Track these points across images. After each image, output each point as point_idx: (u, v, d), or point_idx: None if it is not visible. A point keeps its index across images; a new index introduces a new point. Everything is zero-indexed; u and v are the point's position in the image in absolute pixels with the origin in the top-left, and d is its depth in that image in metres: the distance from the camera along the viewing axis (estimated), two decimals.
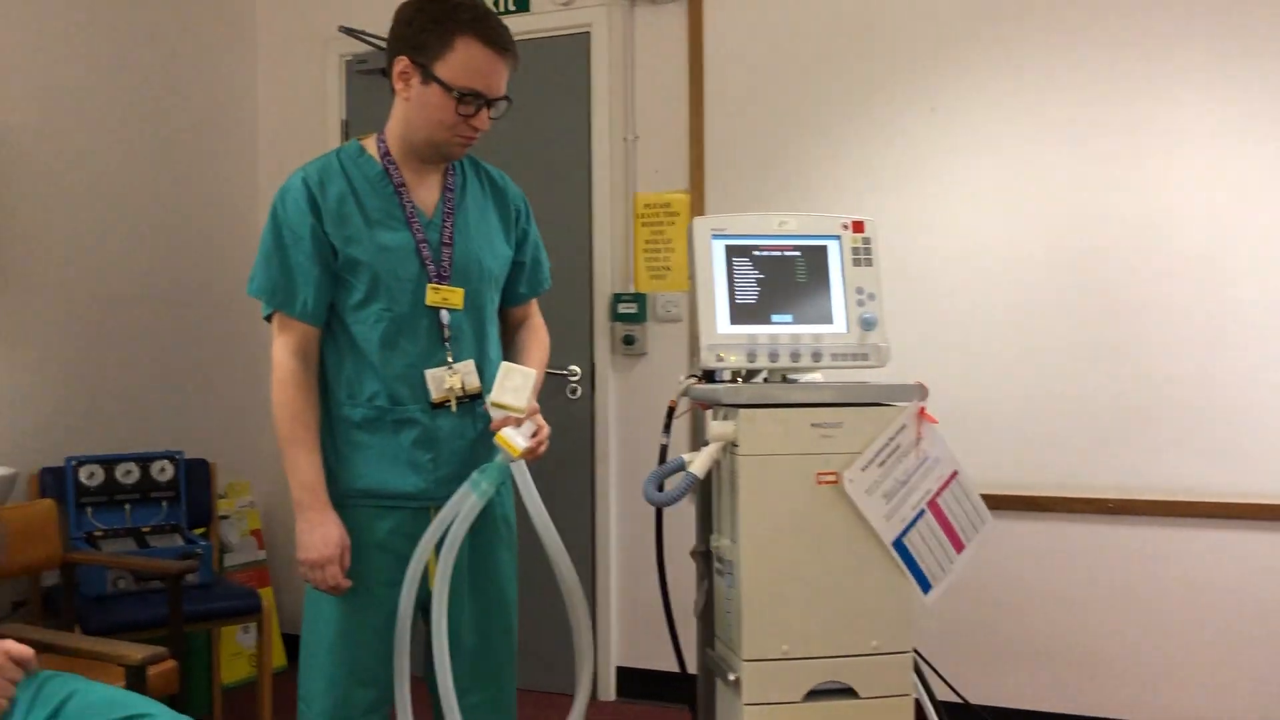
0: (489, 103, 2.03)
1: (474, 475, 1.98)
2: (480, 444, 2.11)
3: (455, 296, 2.08)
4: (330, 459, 2.09)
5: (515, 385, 1.96)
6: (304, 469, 2.03)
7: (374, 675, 2.07)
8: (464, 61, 1.99)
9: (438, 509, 2.05)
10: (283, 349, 2.05)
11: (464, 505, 1.97)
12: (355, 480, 2.08)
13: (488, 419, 2.06)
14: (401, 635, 2.04)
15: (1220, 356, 3.03)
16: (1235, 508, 3.00)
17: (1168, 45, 3.07)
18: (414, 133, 2.06)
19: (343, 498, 2.07)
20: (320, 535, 2.00)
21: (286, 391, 2.04)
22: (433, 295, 2.06)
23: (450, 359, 2.08)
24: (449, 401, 2.07)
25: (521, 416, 1.96)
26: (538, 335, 2.30)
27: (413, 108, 2.04)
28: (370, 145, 2.12)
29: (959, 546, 2.06)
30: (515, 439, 1.95)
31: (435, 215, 2.11)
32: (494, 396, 1.96)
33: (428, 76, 2.00)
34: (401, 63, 2.02)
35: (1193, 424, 3.05)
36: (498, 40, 2.02)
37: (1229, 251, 3.02)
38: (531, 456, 2.00)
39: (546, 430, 2.02)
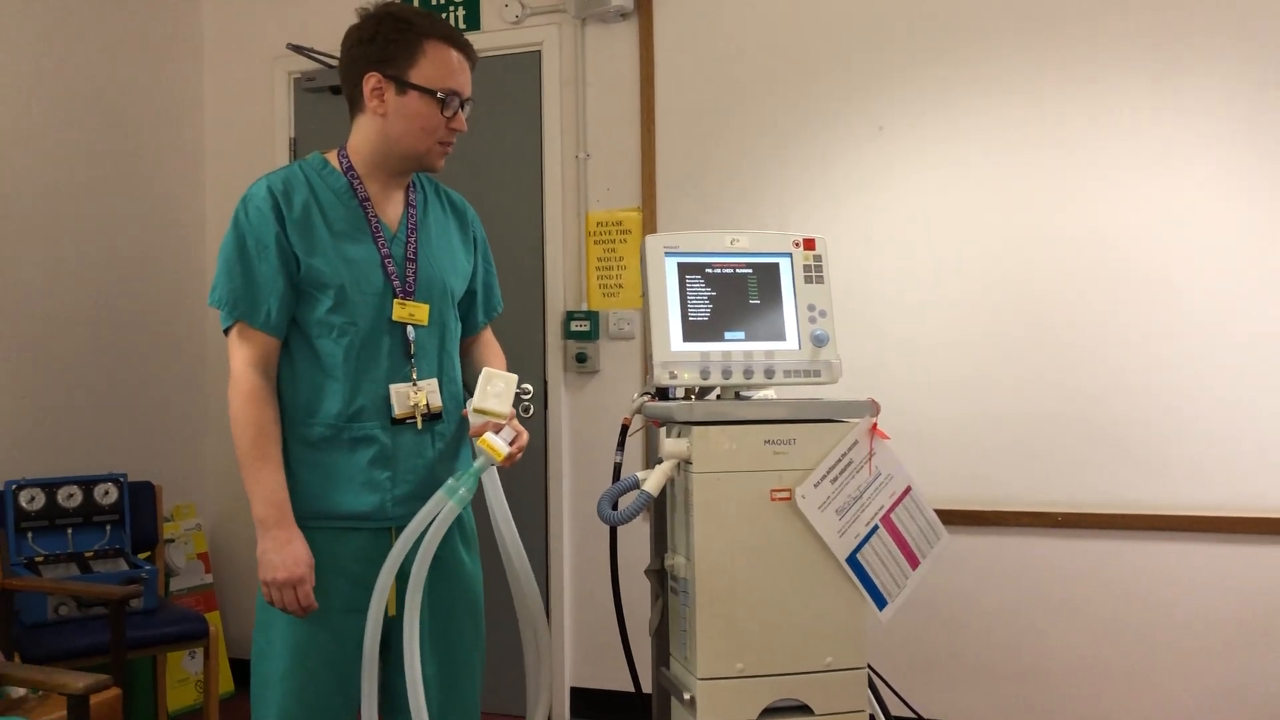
0: (463, 103, 2.05)
1: (449, 482, 1.94)
2: (440, 464, 2.08)
3: (420, 312, 2.06)
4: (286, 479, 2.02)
5: (498, 391, 1.97)
6: (269, 486, 1.95)
7: (329, 707, 2.00)
8: (437, 65, 2.00)
9: (399, 530, 2.00)
10: (243, 362, 1.98)
11: (441, 510, 1.92)
12: (310, 501, 2.01)
13: (446, 439, 2.05)
14: (370, 659, 1.96)
15: (1164, 370, 3.08)
16: (1181, 520, 3.05)
17: (1110, 67, 3.14)
18: (394, 146, 2.04)
19: (298, 519, 1.98)
20: (290, 553, 1.92)
21: (249, 406, 1.96)
22: (399, 310, 2.03)
23: (415, 375, 2.05)
24: (413, 418, 2.03)
25: (503, 422, 1.96)
26: (494, 349, 2.30)
27: (392, 121, 2.02)
28: (333, 159, 2.09)
29: (914, 562, 2.07)
30: (498, 443, 1.94)
31: (399, 230, 2.09)
32: (476, 402, 1.96)
33: (403, 86, 2.00)
34: (372, 79, 2.01)
35: (1138, 437, 3.10)
36: (461, 41, 2.06)
37: (1170, 268, 3.08)
38: (509, 462, 1.99)
39: (525, 436, 2.03)
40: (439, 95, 2.00)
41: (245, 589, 4.07)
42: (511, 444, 1.97)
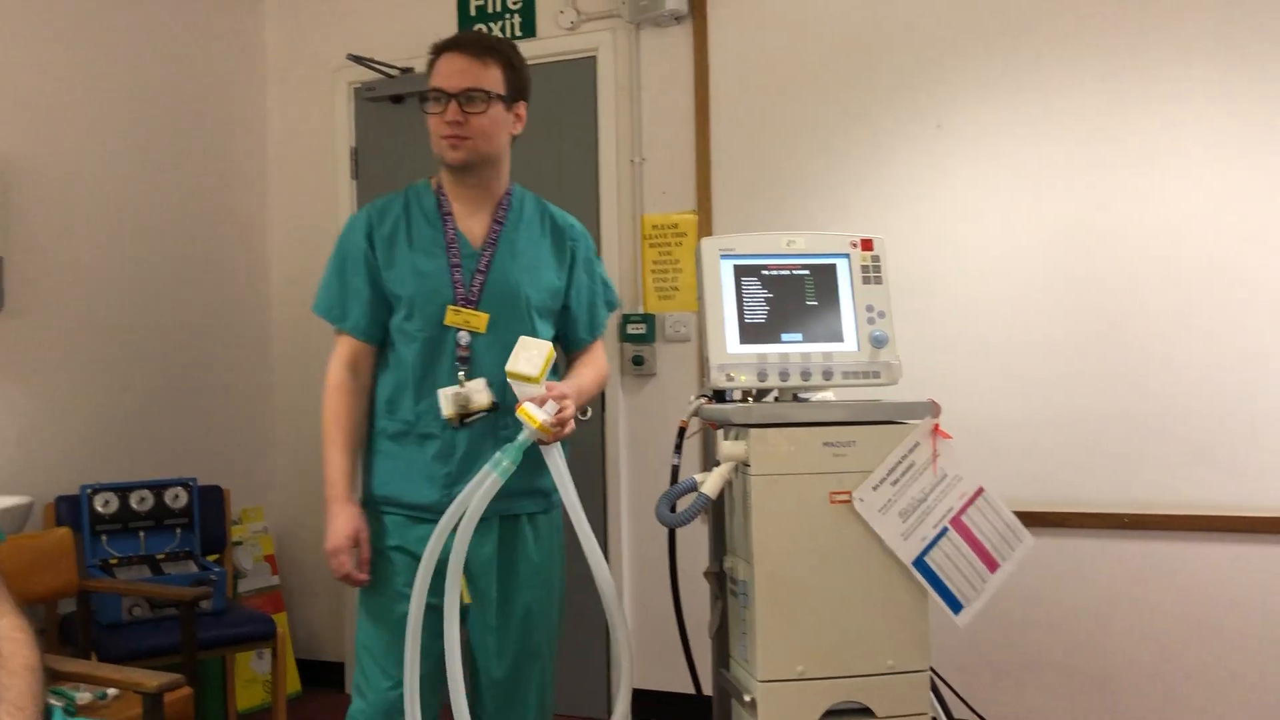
0: (453, 97, 2.14)
1: (496, 454, 2.03)
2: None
3: (477, 320, 2.16)
4: (365, 465, 2.26)
5: (529, 355, 2.03)
6: (331, 466, 2.17)
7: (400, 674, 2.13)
8: (432, 74, 2.19)
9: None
10: (336, 359, 2.23)
11: (485, 483, 2.01)
12: (384, 488, 2.21)
13: (508, 437, 2.10)
14: (412, 629, 2.04)
15: (1233, 367, 3.02)
16: (1250, 521, 2.98)
17: (1171, 57, 3.08)
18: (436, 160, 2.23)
19: (367, 502, 2.23)
20: (334, 527, 2.14)
21: (331, 396, 2.21)
22: (452, 316, 2.17)
23: (463, 378, 2.15)
24: (465, 416, 2.14)
25: (535, 384, 2.02)
26: (590, 359, 2.37)
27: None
28: (434, 182, 2.29)
29: (992, 566, 2.04)
30: (535, 412, 2.00)
31: (480, 244, 2.23)
32: (509, 365, 2.03)
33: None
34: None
35: (1207, 437, 3.04)
36: (454, 42, 2.21)
37: (1237, 262, 3.02)
38: (555, 436, 2.04)
39: (571, 410, 2.07)
40: (425, 96, 2.17)
41: (311, 590, 4.14)
42: (556, 417, 2.02)
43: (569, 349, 2.38)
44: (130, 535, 3.38)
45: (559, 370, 2.30)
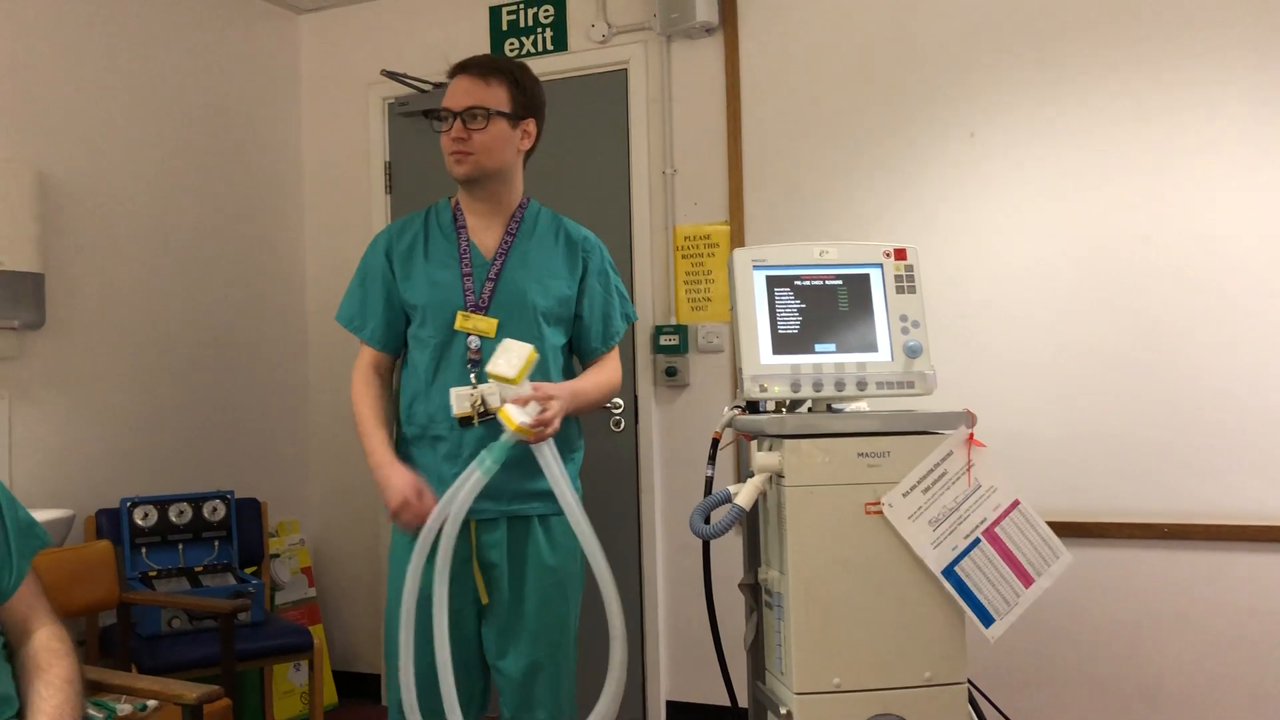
0: (458, 115, 2.26)
1: (481, 453, 2.10)
2: (510, 463, 2.17)
3: (486, 325, 2.26)
4: None
5: (509, 357, 2.09)
6: (372, 443, 2.29)
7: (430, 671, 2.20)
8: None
9: (477, 521, 2.24)
10: (359, 363, 2.40)
11: (469, 481, 2.09)
12: None
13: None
14: (406, 615, 2.12)
15: (1273, 376, 2.97)
16: None
17: (1209, 65, 3.05)
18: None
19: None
20: (391, 485, 2.22)
21: (357, 391, 2.36)
22: (461, 322, 2.28)
23: (474, 380, 2.24)
24: (471, 418, 2.21)
25: (515, 385, 2.08)
26: (599, 366, 2.43)
27: None
28: (454, 199, 2.42)
29: (1026, 580, 2.02)
30: (513, 412, 2.07)
31: (493, 254, 2.33)
32: (489, 367, 2.10)
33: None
34: None
35: (1247, 445, 2.99)
36: (460, 64, 2.34)
37: (1275, 271, 2.98)
38: (537, 436, 2.10)
39: (553, 412, 2.12)
40: (436, 115, 2.30)
41: (348, 602, 4.17)
42: (536, 418, 2.08)
43: (583, 358, 2.46)
44: (169, 548, 3.41)
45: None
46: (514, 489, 2.24)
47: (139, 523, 3.36)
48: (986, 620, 1.99)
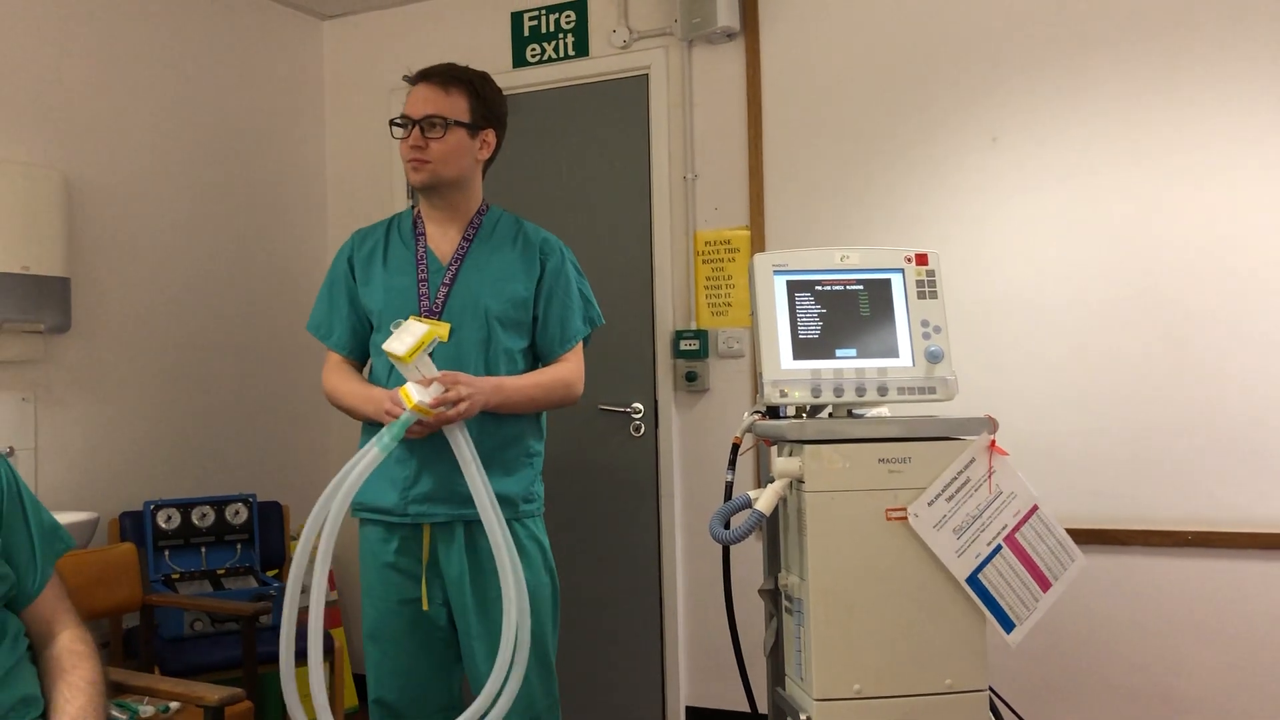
0: (415, 123, 2.28)
1: (380, 431, 2.12)
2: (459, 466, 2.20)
3: (439, 328, 2.23)
4: None
5: (402, 337, 2.10)
6: (359, 395, 2.33)
7: (410, 684, 2.33)
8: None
9: (432, 526, 2.29)
10: (326, 367, 2.45)
11: (364, 459, 2.11)
12: (357, 495, 2.27)
13: (478, 444, 2.20)
14: (290, 607, 2.18)
15: None
16: None
17: (1229, 68, 3.03)
18: None
19: (355, 512, 2.36)
20: (376, 396, 2.27)
21: (328, 381, 2.41)
22: None
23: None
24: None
25: (406, 364, 2.09)
26: (546, 369, 2.41)
27: None
28: (416, 208, 2.46)
29: (1044, 585, 2.02)
30: (412, 391, 2.09)
31: (449, 260, 2.36)
32: (384, 343, 2.12)
33: None
34: None
35: (1273, 451, 2.96)
36: (422, 71, 2.35)
37: None
38: (437, 418, 2.11)
39: (453, 396, 2.12)
40: (393, 124, 2.33)
41: None
42: (436, 399, 2.09)
43: (543, 359, 2.44)
44: (192, 550, 3.44)
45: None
46: (465, 492, 2.18)
47: (162, 525, 3.38)
48: (1008, 626, 1.98)
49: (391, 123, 2.35)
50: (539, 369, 2.42)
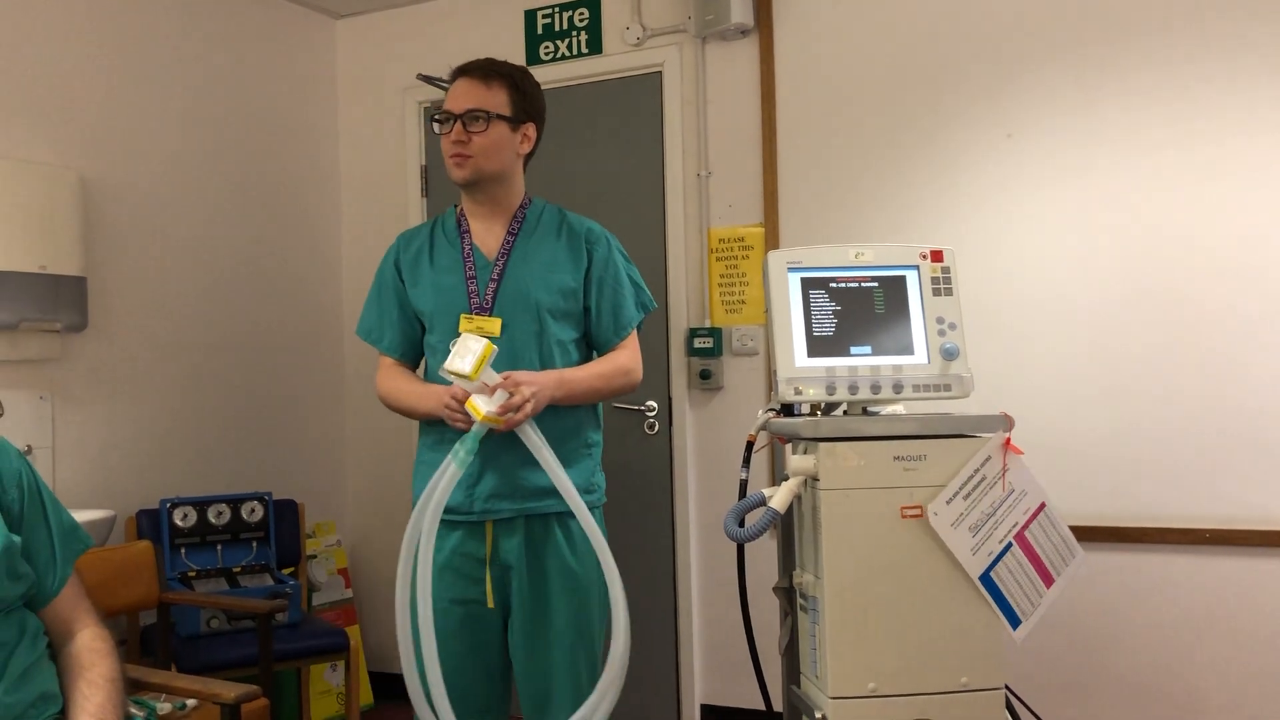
0: (456, 118, 2.27)
1: (455, 446, 2.12)
2: (525, 461, 2.20)
3: (490, 325, 2.26)
4: (413, 476, 2.39)
5: (463, 355, 2.09)
6: (416, 394, 2.33)
7: (465, 683, 2.28)
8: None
9: (496, 523, 2.27)
10: (381, 369, 2.44)
11: (446, 473, 2.12)
12: (418, 493, 2.29)
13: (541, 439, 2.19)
14: (400, 609, 2.16)
15: None
16: None
17: (1251, 64, 3.00)
18: None
19: (412, 508, 2.27)
20: (435, 392, 2.24)
21: (382, 386, 2.41)
22: (464, 324, 2.29)
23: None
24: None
25: (472, 380, 2.09)
26: (605, 358, 2.42)
27: None
28: (459, 207, 2.43)
29: (1048, 581, 2.02)
30: (479, 402, 2.09)
31: (495, 255, 2.34)
32: (445, 364, 2.12)
33: None
34: None
35: None
36: (462, 67, 2.35)
37: None
38: (508, 423, 2.11)
39: (519, 400, 2.12)
40: (437, 119, 2.31)
41: (384, 603, 4.19)
42: (501, 405, 2.09)
43: (598, 350, 2.45)
44: (208, 548, 3.45)
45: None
46: (530, 486, 2.23)
47: (178, 523, 3.40)
48: (1014, 622, 1.99)
49: (432, 118, 2.33)
50: (596, 359, 2.43)
